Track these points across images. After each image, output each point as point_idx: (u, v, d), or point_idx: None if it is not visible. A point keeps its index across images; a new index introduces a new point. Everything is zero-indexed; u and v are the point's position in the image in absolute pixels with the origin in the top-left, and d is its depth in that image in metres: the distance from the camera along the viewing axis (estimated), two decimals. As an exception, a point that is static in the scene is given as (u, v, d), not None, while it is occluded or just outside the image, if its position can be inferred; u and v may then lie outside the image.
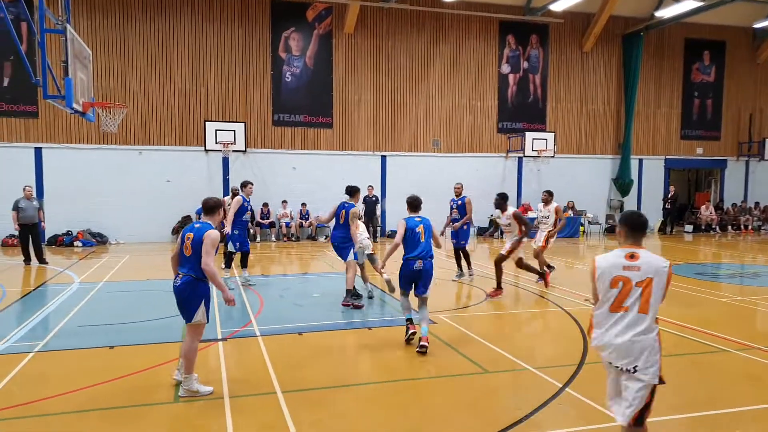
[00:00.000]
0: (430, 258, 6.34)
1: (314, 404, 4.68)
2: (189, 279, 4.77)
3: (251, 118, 18.05)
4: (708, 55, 22.49)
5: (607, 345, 3.36)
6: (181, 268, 4.86)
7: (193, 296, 4.78)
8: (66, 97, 7.63)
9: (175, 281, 4.86)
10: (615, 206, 21.90)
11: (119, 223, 16.98)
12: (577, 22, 20.89)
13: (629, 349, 3.30)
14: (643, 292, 3.28)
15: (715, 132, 22.93)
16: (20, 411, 4.49)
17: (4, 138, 16.15)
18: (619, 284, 3.33)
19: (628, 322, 3.31)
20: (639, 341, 3.29)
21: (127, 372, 5.35)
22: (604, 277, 3.39)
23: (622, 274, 3.34)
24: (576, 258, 14.96)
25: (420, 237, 6.27)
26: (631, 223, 3.50)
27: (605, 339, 3.37)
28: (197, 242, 4.74)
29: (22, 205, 12.14)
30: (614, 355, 3.35)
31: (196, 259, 4.73)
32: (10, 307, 8.27)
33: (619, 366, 3.35)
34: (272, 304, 8.55)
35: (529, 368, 5.52)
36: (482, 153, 20.36)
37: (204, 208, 5.06)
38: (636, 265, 3.33)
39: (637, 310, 3.30)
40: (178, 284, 4.81)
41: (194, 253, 4.74)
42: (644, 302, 3.28)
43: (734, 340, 6.58)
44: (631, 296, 3.30)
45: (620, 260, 3.38)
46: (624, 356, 3.32)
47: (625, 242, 3.48)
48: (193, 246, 4.75)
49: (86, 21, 16.50)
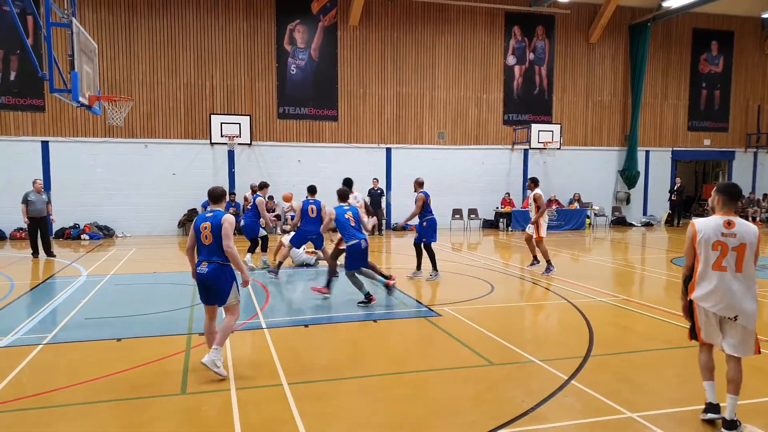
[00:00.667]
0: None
1: (320, 396, 4.71)
2: (216, 265, 5.01)
3: (256, 111, 18.04)
4: (716, 45, 22.25)
5: (710, 298, 3.95)
6: (202, 257, 5.07)
7: (224, 280, 5.05)
8: (72, 91, 7.65)
9: (201, 270, 5.05)
10: (621, 198, 21.79)
11: (126, 216, 17.07)
12: (584, 13, 20.70)
13: (730, 302, 3.91)
14: (738, 255, 3.91)
15: (723, 123, 22.72)
16: (29, 402, 4.55)
17: (11, 132, 16.23)
18: (718, 248, 3.93)
19: (727, 280, 3.93)
20: (737, 295, 3.90)
21: (134, 364, 5.40)
22: (707, 241, 3.97)
23: (721, 239, 3.94)
24: (582, 250, 14.92)
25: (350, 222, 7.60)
26: (728, 192, 4.05)
27: (708, 292, 3.95)
28: (216, 228, 4.98)
29: (32, 198, 12.21)
30: (718, 307, 3.94)
31: (217, 245, 4.98)
32: (18, 300, 8.35)
33: (722, 315, 3.95)
34: (278, 297, 8.59)
35: (535, 360, 5.52)
36: (488, 145, 20.29)
37: (212, 197, 5.23)
38: (732, 232, 3.94)
39: (734, 270, 3.93)
40: (206, 272, 5.02)
41: (215, 239, 4.98)
42: (739, 263, 3.92)
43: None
44: (729, 258, 3.93)
45: (719, 227, 3.96)
46: (726, 308, 3.92)
47: (721, 210, 4.04)
48: (213, 233, 4.99)
49: (92, 14, 16.51)
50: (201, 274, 5.06)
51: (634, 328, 6.96)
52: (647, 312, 7.60)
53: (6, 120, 16.19)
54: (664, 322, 7.09)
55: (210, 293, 5.14)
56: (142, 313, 7.48)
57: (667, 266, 11.75)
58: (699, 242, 3.99)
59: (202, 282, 5.09)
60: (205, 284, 5.10)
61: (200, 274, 5.07)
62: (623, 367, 5.42)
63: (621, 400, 4.53)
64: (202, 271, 5.05)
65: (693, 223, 4.08)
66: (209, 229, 5.00)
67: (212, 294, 5.13)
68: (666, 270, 11.25)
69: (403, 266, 11.54)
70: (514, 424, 4.14)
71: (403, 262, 12.17)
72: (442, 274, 10.02)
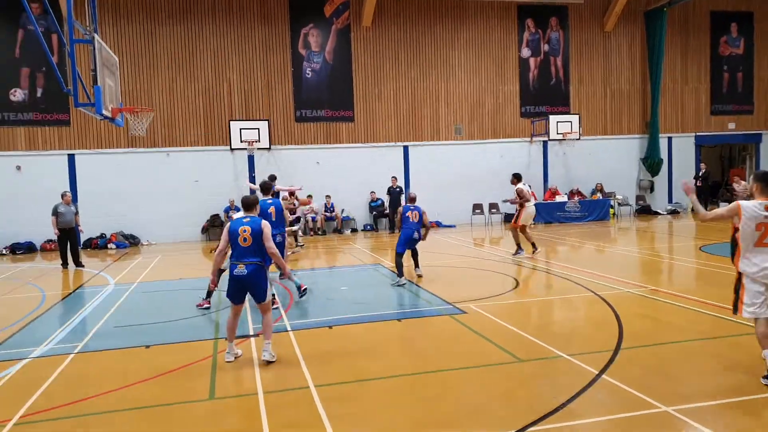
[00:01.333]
0: None
1: (347, 397, 4.70)
2: (255, 266, 5.49)
3: (274, 116, 18.18)
4: (735, 27, 21.70)
5: (758, 269, 4.53)
6: (241, 258, 5.48)
7: (262, 279, 5.56)
8: (96, 105, 7.82)
9: (239, 271, 5.46)
10: (645, 186, 21.38)
11: (150, 225, 17.36)
12: (597, 2, 20.38)
13: None
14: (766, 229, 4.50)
15: (747, 106, 22.13)
16: (62, 412, 4.63)
17: (39, 146, 16.66)
18: (762, 228, 4.50)
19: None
20: None
21: (163, 371, 5.47)
22: (750, 221, 4.51)
23: (763, 221, 4.50)
24: (607, 241, 14.67)
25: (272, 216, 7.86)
26: (765, 179, 4.60)
27: (756, 264, 4.55)
28: (257, 232, 5.47)
29: (62, 210, 12.49)
30: (762, 274, 4.52)
31: (257, 247, 5.48)
32: (50, 311, 8.54)
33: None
34: (301, 299, 8.63)
35: (564, 355, 5.43)
36: (506, 138, 20.10)
37: (245, 205, 5.78)
38: None
39: None
40: (246, 273, 5.45)
41: (255, 242, 5.47)
42: None
43: (777, 320, 6.34)
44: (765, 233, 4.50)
45: (760, 210, 4.51)
46: None
47: (761, 196, 4.60)
48: (253, 236, 5.47)
49: (112, 28, 16.85)
50: (240, 274, 5.45)
51: (664, 319, 6.80)
52: (677, 302, 7.42)
53: (34, 135, 16.63)
54: (696, 312, 6.92)
55: (245, 292, 5.59)
56: (169, 319, 7.59)
57: (696, 254, 11.48)
58: (743, 219, 4.52)
59: (240, 281, 5.48)
60: (243, 283, 5.50)
61: (239, 274, 5.46)
62: (655, 360, 5.30)
63: (655, 394, 4.42)
64: (241, 272, 5.45)
65: (739, 203, 4.63)
66: (249, 233, 5.46)
67: (250, 292, 5.57)
68: (695, 258, 10.99)
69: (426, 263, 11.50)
70: (545, 420, 4.08)
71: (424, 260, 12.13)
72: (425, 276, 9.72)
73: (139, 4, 17.08)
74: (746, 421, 4.01)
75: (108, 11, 16.71)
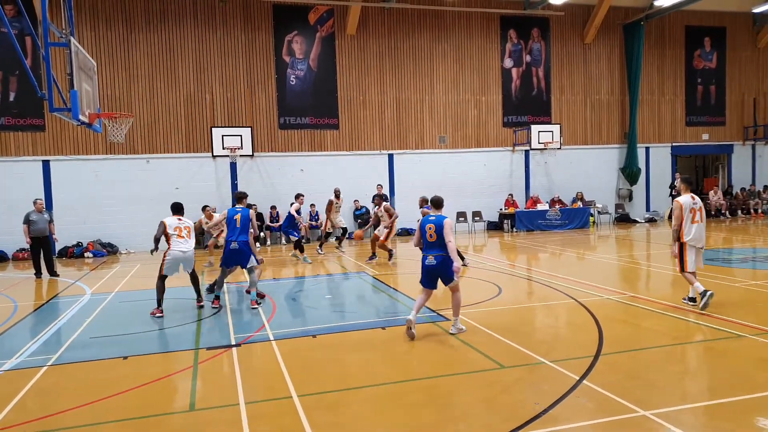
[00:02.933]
0: None
1: (331, 407, 4.66)
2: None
3: (257, 123, 18.09)
4: (709, 41, 22.36)
5: (691, 236, 7.39)
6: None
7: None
8: (72, 110, 7.65)
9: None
10: (624, 195, 21.76)
11: (129, 233, 17.07)
12: (578, 14, 20.78)
13: (701, 237, 7.47)
14: (700, 213, 7.49)
15: (719, 117, 22.75)
16: (35, 426, 4.48)
17: (11, 152, 16.28)
18: (693, 212, 7.43)
19: (699, 226, 7.43)
20: (703, 234, 7.52)
21: (141, 382, 5.36)
22: (686, 208, 7.41)
23: (693, 206, 7.44)
24: (587, 249, 14.85)
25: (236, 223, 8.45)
26: (689, 181, 7.75)
27: (693, 235, 7.39)
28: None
29: (34, 218, 12.19)
30: (696, 241, 7.39)
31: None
32: (22, 322, 8.31)
33: (699, 247, 7.44)
34: (284, 308, 8.55)
35: (546, 362, 5.47)
36: (489, 147, 20.31)
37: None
38: (696, 203, 7.50)
39: (699, 220, 7.45)
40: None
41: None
42: (700, 217, 7.47)
43: (750, 325, 6.49)
44: (697, 215, 7.44)
45: (690, 200, 7.47)
46: (700, 241, 7.45)
47: (686, 191, 7.59)
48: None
49: (90, 32, 16.61)
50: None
51: (642, 325, 6.90)
52: (655, 308, 7.54)
53: (6, 140, 16.24)
54: (673, 318, 7.04)
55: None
56: (147, 330, 7.45)
57: (673, 261, 11.63)
58: (684, 209, 7.39)
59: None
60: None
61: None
62: (634, 365, 5.37)
63: (633, 399, 4.48)
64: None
65: (678, 200, 7.49)
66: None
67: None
68: (672, 265, 11.18)
69: (411, 272, 11.51)
70: (528, 426, 4.09)
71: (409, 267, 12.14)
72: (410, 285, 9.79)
73: (118, 8, 16.88)
74: (722, 425, 4.07)
75: (85, 14, 16.48)
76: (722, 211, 21.63)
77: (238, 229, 8.32)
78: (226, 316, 7.97)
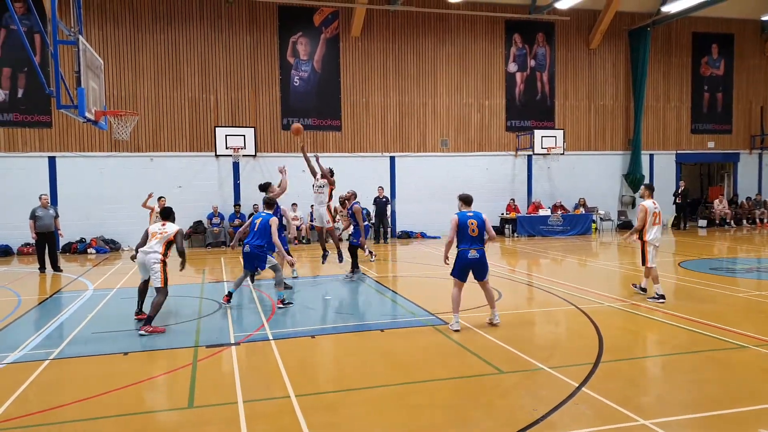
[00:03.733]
0: None
1: (328, 407, 4.67)
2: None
3: (261, 123, 18.14)
4: (716, 48, 22.27)
5: (653, 237, 8.45)
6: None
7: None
8: (79, 107, 7.70)
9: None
10: (627, 202, 21.70)
11: (132, 230, 17.05)
12: (583, 19, 20.77)
13: (659, 237, 8.55)
14: (660, 217, 8.55)
15: (726, 125, 22.67)
16: (36, 419, 4.52)
17: (18, 148, 16.37)
18: (654, 216, 8.44)
19: (658, 228, 8.51)
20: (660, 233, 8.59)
21: (141, 378, 5.38)
22: (650, 212, 8.38)
23: (655, 210, 8.46)
24: (589, 255, 14.83)
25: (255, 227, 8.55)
26: (652, 188, 8.82)
27: (654, 235, 8.46)
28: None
29: (39, 213, 12.26)
30: (656, 240, 8.46)
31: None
32: (25, 315, 8.36)
33: (657, 245, 8.53)
34: (284, 308, 8.56)
35: (545, 368, 5.47)
36: (491, 152, 20.29)
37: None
38: (657, 207, 8.54)
39: (659, 222, 8.54)
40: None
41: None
42: (659, 220, 8.54)
43: (753, 335, 6.47)
44: (657, 218, 8.51)
45: (653, 205, 8.50)
46: (658, 240, 8.52)
47: (649, 197, 8.60)
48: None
49: (98, 31, 16.69)
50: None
51: (643, 333, 6.89)
52: (656, 316, 7.52)
53: (14, 136, 16.34)
54: (674, 327, 7.03)
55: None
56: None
57: (675, 269, 11.66)
58: (648, 213, 8.40)
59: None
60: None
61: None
62: (634, 373, 5.36)
63: (633, 407, 4.47)
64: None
65: (643, 204, 8.50)
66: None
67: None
68: (674, 273, 11.16)
69: (411, 274, 11.51)
70: (525, 432, 4.09)
71: (409, 269, 12.14)
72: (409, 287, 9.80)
73: (125, 8, 16.97)
74: (722, 435, 4.07)
75: (93, 13, 16.57)
76: (727, 221, 21.54)
77: (256, 233, 8.46)
78: (226, 315, 7.99)
